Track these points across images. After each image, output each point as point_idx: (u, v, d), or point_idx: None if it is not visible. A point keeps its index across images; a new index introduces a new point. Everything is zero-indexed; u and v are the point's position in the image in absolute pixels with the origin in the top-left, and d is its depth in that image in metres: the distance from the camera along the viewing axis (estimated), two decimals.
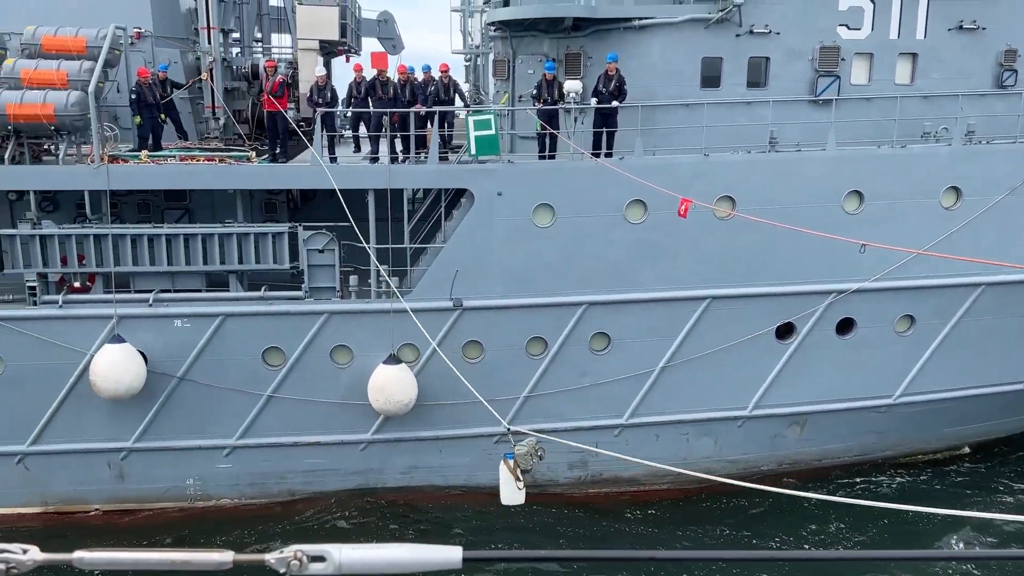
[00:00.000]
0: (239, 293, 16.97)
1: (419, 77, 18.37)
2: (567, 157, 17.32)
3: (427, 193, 19.38)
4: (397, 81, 18.24)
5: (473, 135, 16.57)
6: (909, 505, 6.47)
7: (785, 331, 18.20)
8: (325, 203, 17.45)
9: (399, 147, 17.94)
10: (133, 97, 17.77)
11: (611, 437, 18.17)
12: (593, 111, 17.54)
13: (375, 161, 17.86)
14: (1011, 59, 18.94)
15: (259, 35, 25.31)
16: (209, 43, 20.22)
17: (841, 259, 17.45)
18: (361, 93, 18.15)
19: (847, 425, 19.08)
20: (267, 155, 18.15)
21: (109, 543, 16.27)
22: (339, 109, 18.49)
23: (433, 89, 18.13)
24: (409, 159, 17.43)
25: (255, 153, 17.89)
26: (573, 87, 17.31)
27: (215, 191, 18.00)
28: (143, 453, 17.14)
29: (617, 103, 17.38)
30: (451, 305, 16.92)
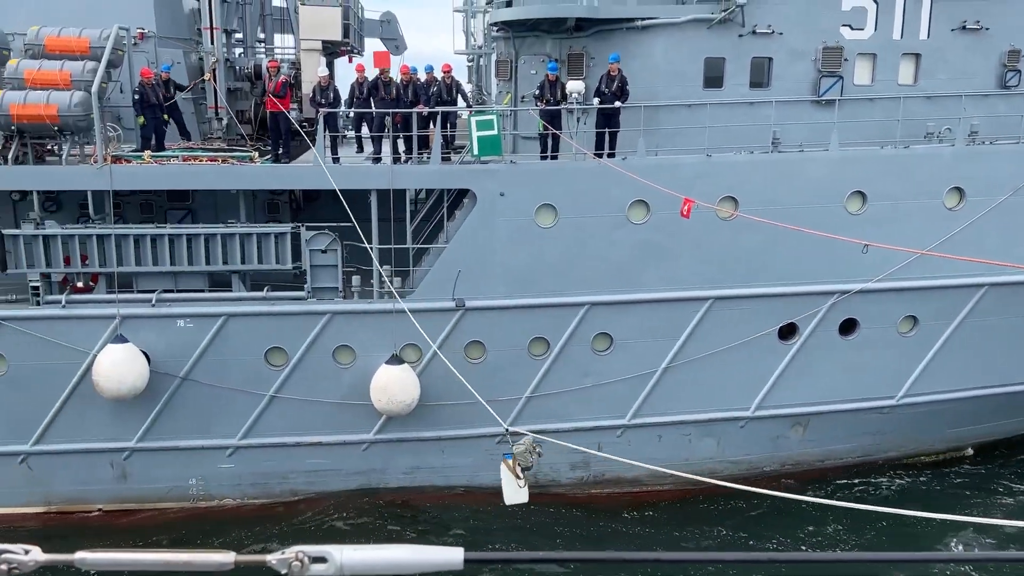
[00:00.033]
0: (242, 293, 16.99)
1: (422, 77, 18.39)
2: (569, 157, 17.31)
3: (429, 193, 19.40)
4: (400, 81, 18.25)
5: (475, 135, 16.58)
6: (907, 510, 6.47)
7: (788, 332, 18.18)
8: (328, 203, 17.46)
9: (401, 147, 17.95)
10: (136, 97, 17.81)
11: (613, 437, 18.17)
12: (595, 111, 17.54)
13: (378, 161, 17.86)
14: (1015, 59, 18.91)
15: (262, 35, 25.35)
16: (212, 43, 20.24)
17: (844, 260, 17.43)
18: (363, 93, 18.15)
19: (850, 426, 19.05)
20: (270, 155, 18.17)
21: (111, 543, 16.26)
22: (342, 109, 18.51)
23: (436, 89, 18.12)
24: (411, 159, 17.44)
25: (258, 153, 17.90)
26: (576, 87, 17.30)
27: (218, 191, 18.04)
28: (146, 453, 17.17)
29: (619, 103, 17.38)
30: (453, 305, 16.93)
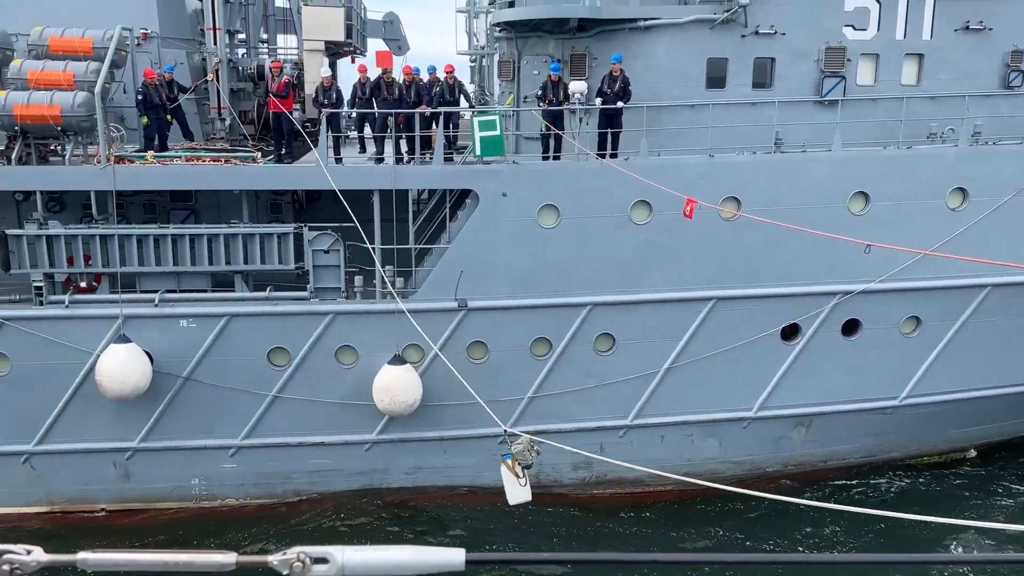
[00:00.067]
0: (244, 293, 17.00)
1: (424, 78, 18.39)
2: (572, 158, 17.31)
3: (432, 194, 19.41)
4: (402, 82, 18.26)
5: (478, 136, 16.57)
6: (905, 513, 6.44)
7: (790, 332, 18.16)
8: (330, 204, 17.48)
9: (404, 148, 17.95)
10: (139, 98, 17.85)
11: (616, 438, 18.17)
12: (598, 112, 17.54)
13: (380, 162, 17.88)
14: (1018, 60, 18.88)
15: (265, 36, 25.37)
16: (215, 44, 20.27)
17: (846, 260, 17.40)
18: (366, 94, 18.17)
19: (852, 426, 19.03)
20: (272, 156, 18.19)
21: (114, 543, 16.29)
22: (344, 110, 18.52)
23: (438, 90, 18.12)
24: (414, 160, 17.45)
25: (260, 154, 17.92)
26: (578, 88, 17.30)
27: (221, 192, 18.06)
28: (148, 453, 17.19)
29: (622, 104, 17.37)
30: (456, 306, 16.93)
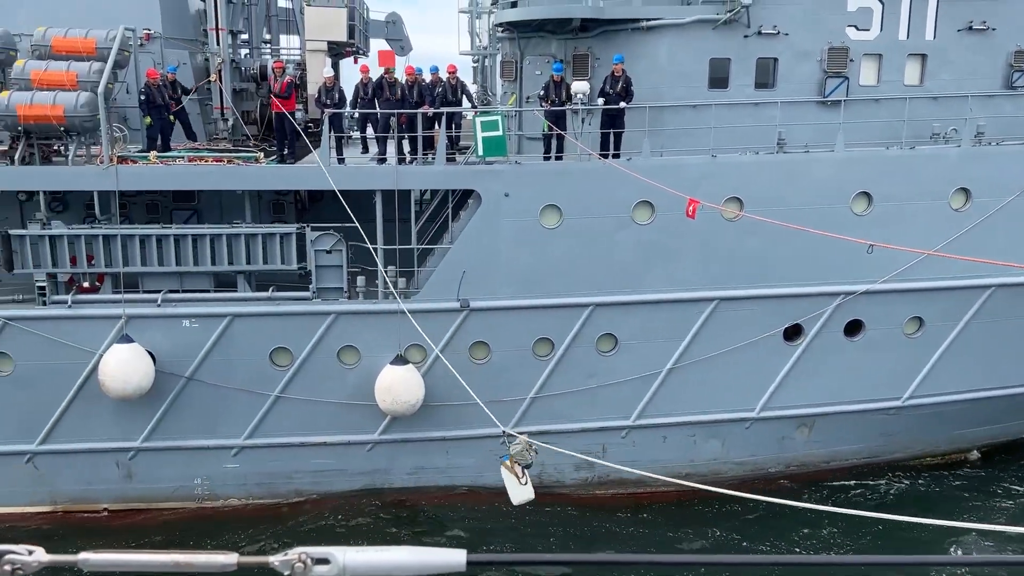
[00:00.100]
0: (247, 293, 17.02)
1: (427, 78, 18.38)
2: (574, 158, 17.31)
3: (434, 194, 19.41)
4: (405, 82, 18.26)
5: (480, 136, 16.58)
6: (902, 515, 6.44)
7: (793, 333, 18.14)
8: (333, 204, 17.49)
9: (406, 148, 17.96)
10: (142, 98, 17.88)
11: (618, 438, 18.17)
12: (600, 112, 17.53)
13: (382, 162, 17.89)
14: (1021, 60, 18.84)
15: (268, 36, 25.38)
16: (218, 44, 20.28)
17: (849, 260, 17.38)
18: (368, 94, 18.17)
19: (855, 427, 19.00)
20: (275, 156, 18.20)
21: (116, 543, 16.30)
22: (347, 110, 18.53)
23: (440, 90, 18.12)
24: (416, 160, 17.46)
25: (263, 154, 17.94)
26: (581, 88, 17.29)
27: (223, 192, 18.07)
28: (151, 453, 17.21)
29: (624, 104, 17.36)
30: (458, 306, 16.93)
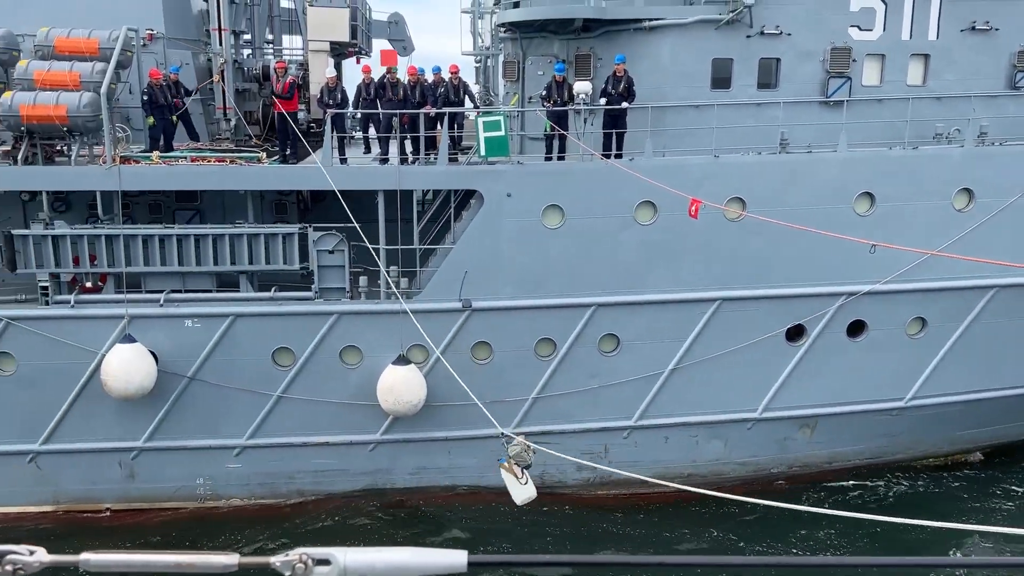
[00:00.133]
0: (249, 294, 17.03)
1: (429, 78, 18.38)
2: (577, 158, 17.30)
3: (436, 194, 19.41)
4: (407, 82, 18.26)
5: (483, 136, 16.58)
6: (900, 517, 6.45)
7: (795, 333, 18.12)
8: (335, 204, 17.50)
9: (409, 148, 17.96)
10: (145, 99, 17.89)
11: (620, 439, 18.16)
12: (602, 112, 17.53)
13: (385, 162, 17.89)
14: None
15: (270, 37, 25.39)
16: (220, 45, 20.30)
17: (852, 261, 17.37)
18: (370, 94, 18.17)
19: (858, 428, 18.98)
20: (277, 156, 18.21)
21: (118, 542, 16.30)
22: (349, 111, 18.54)
23: (443, 90, 18.12)
24: (419, 160, 17.46)
25: (265, 154, 17.95)
26: (583, 88, 17.29)
27: (226, 192, 18.09)
28: (153, 452, 17.23)
29: (627, 104, 17.35)
30: (460, 306, 16.93)
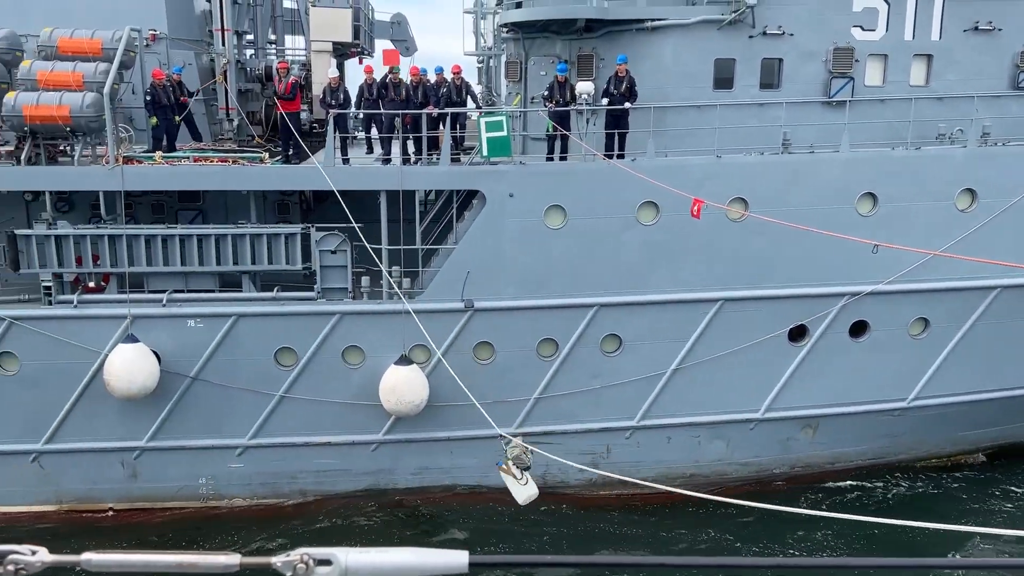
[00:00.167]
0: (252, 294, 17.04)
1: (431, 79, 18.40)
2: (579, 158, 17.30)
3: (439, 194, 19.41)
4: (410, 83, 18.27)
5: (485, 136, 16.58)
6: (897, 519, 6.46)
7: (798, 333, 18.11)
8: (338, 204, 17.51)
9: (411, 148, 17.96)
10: (148, 99, 17.92)
11: (622, 439, 18.15)
12: (604, 113, 17.52)
13: (387, 162, 17.90)
14: None
15: (273, 37, 25.44)
16: (223, 45, 20.33)
17: (854, 261, 17.35)
18: (373, 94, 18.18)
19: (860, 428, 18.96)
20: (280, 156, 18.23)
21: (121, 542, 16.30)
22: (352, 111, 18.54)
23: (445, 91, 18.14)
24: (421, 160, 17.46)
25: (268, 154, 17.96)
26: (585, 88, 17.28)
27: (228, 192, 18.11)
28: (156, 452, 17.25)
29: (629, 104, 17.35)
30: (462, 306, 16.94)
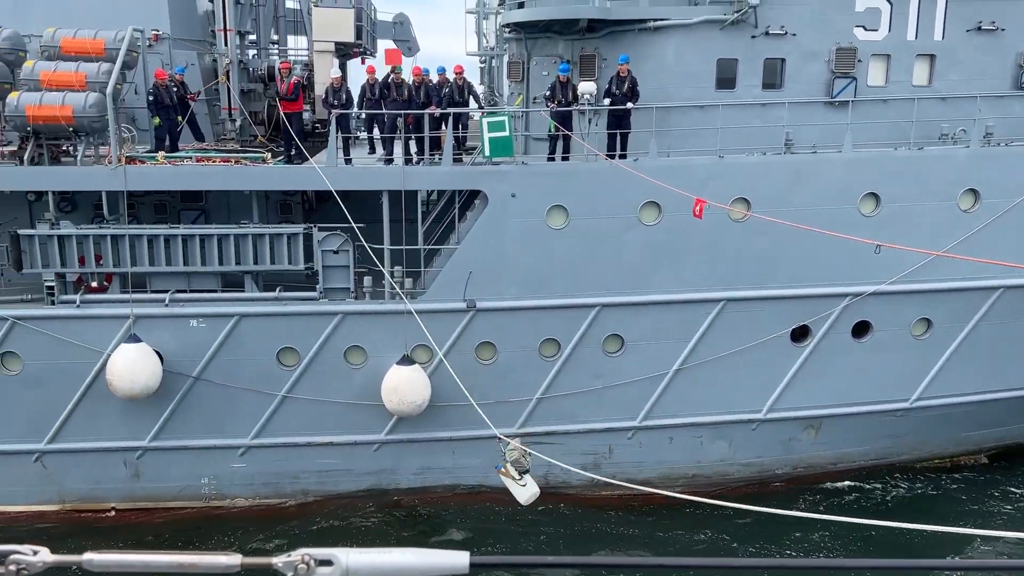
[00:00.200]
0: (254, 294, 17.06)
1: (434, 79, 18.40)
2: (581, 159, 17.30)
3: (441, 194, 19.43)
4: (412, 83, 18.27)
5: (487, 137, 16.58)
6: (896, 521, 6.47)
7: (800, 334, 18.09)
8: (340, 204, 17.53)
9: (413, 149, 17.97)
10: (150, 99, 17.94)
11: (624, 439, 18.14)
12: (607, 113, 17.51)
13: (389, 163, 17.91)
14: None
15: (275, 37, 25.45)
16: (226, 45, 20.35)
17: (857, 261, 17.33)
18: (375, 95, 18.18)
19: (863, 429, 18.93)
20: (282, 156, 18.24)
21: (123, 542, 16.31)
22: (354, 111, 18.55)
23: (447, 91, 18.14)
24: (423, 161, 17.47)
25: (271, 155, 17.98)
26: (587, 88, 17.28)
27: (231, 192, 18.13)
28: (158, 452, 17.27)
29: (631, 105, 17.34)
30: (464, 306, 16.94)
